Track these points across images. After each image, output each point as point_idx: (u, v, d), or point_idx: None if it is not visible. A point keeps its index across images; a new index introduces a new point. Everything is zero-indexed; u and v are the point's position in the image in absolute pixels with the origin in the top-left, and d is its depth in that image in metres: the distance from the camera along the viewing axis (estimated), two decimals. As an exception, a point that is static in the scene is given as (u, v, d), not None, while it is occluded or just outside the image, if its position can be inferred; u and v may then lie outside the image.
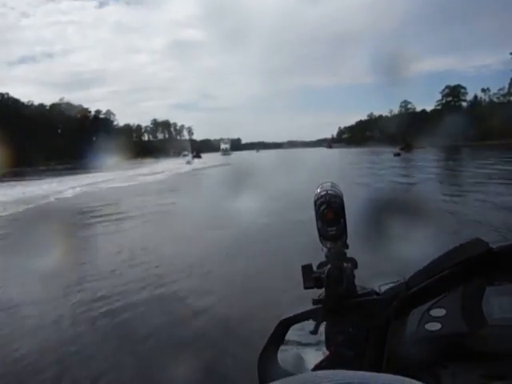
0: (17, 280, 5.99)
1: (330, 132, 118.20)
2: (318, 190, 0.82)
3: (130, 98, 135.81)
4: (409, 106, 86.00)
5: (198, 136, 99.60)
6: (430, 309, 0.77)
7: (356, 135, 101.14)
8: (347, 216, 0.82)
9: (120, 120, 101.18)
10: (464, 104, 78.75)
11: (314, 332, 0.81)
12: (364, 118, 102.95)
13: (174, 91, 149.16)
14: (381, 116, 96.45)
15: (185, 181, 25.95)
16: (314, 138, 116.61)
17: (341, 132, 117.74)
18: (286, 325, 0.83)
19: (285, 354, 0.84)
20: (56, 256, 6.46)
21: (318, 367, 0.83)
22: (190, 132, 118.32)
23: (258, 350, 0.82)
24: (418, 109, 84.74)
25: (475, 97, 77.44)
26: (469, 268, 0.73)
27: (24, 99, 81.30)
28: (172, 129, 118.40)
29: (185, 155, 64.41)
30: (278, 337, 0.83)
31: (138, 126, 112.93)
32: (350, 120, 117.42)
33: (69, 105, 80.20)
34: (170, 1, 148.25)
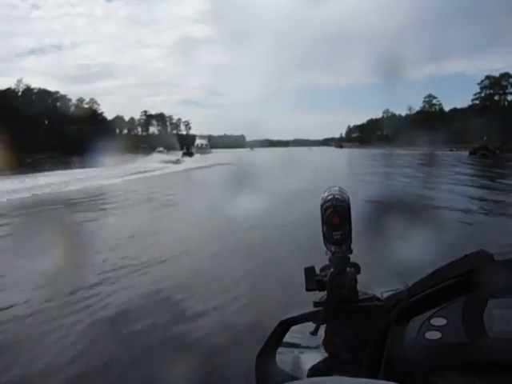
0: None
1: (338, 131, 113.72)
2: (325, 194, 0.84)
3: (137, 92, 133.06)
4: (434, 101, 73.43)
5: (200, 131, 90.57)
6: (430, 317, 0.78)
7: (367, 134, 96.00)
8: (353, 221, 0.82)
9: (127, 114, 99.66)
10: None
11: (314, 333, 0.82)
12: (374, 117, 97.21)
13: (181, 87, 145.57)
14: (396, 115, 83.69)
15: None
16: (321, 137, 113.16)
17: (350, 131, 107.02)
18: (285, 325, 0.84)
19: (283, 355, 0.85)
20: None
21: (315, 369, 0.85)
22: (188, 126, 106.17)
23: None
24: (446, 107, 72.05)
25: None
26: (472, 279, 0.75)
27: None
28: (168, 123, 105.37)
29: (160, 151, 53.79)
30: (277, 337, 0.84)
31: (131, 119, 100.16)
32: (358, 120, 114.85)
33: (45, 92, 68.38)
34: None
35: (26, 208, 11.63)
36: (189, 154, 49.96)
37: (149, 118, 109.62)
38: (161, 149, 57.26)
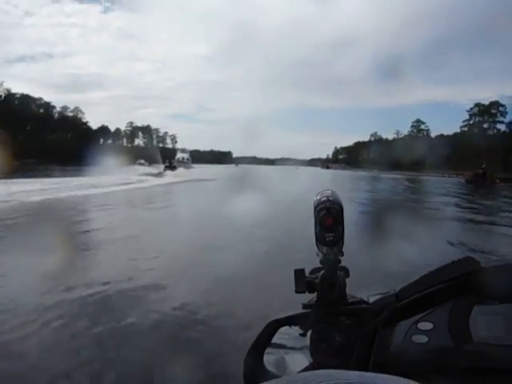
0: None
1: (325, 152, 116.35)
2: (318, 197, 0.85)
3: (127, 104, 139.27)
4: (422, 126, 73.85)
5: (187, 146, 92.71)
6: (417, 322, 0.80)
7: (353, 156, 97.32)
8: (345, 225, 0.85)
9: (116, 125, 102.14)
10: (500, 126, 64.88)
11: (303, 335, 0.84)
12: (361, 140, 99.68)
13: (171, 101, 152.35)
14: (383, 138, 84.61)
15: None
16: (308, 157, 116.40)
17: (337, 152, 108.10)
18: (275, 326, 0.85)
19: (270, 356, 0.86)
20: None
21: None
22: (174, 140, 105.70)
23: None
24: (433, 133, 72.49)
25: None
26: (458, 285, 0.78)
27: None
28: (154, 135, 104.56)
29: (141, 164, 52.55)
30: (265, 337, 0.84)
31: (117, 130, 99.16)
32: (346, 142, 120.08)
33: (27, 98, 66.73)
34: (174, 12, 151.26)
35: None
36: (171, 167, 47.20)
37: (135, 130, 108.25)
38: (142, 161, 55.60)
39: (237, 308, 4.75)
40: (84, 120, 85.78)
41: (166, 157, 56.94)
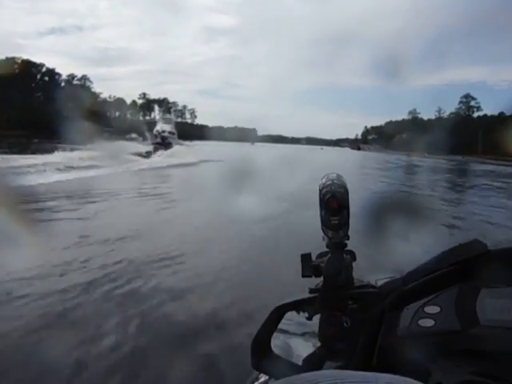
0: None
1: (352, 132, 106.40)
2: (324, 180, 0.86)
3: (155, 79, 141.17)
4: (472, 103, 62.72)
5: (212, 123, 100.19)
6: (424, 305, 0.81)
7: (384, 137, 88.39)
8: (351, 208, 0.85)
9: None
10: None
11: (309, 319, 0.86)
12: (393, 119, 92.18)
13: (199, 77, 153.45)
14: (418, 117, 74.04)
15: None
16: (334, 137, 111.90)
17: (367, 132, 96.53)
18: (281, 311, 0.87)
19: (278, 341, 0.89)
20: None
21: (309, 358, 0.88)
22: (193, 115, 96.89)
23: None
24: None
25: None
26: (466, 268, 0.79)
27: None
28: (172, 109, 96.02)
29: (132, 139, 39.72)
30: (272, 323, 0.87)
31: (133, 102, 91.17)
32: (373, 122, 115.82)
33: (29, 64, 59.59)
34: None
35: None
36: (164, 144, 33.95)
37: (150, 103, 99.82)
38: (133, 135, 42.49)
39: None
40: (92, 90, 78.39)
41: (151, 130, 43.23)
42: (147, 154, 28.66)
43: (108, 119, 68.44)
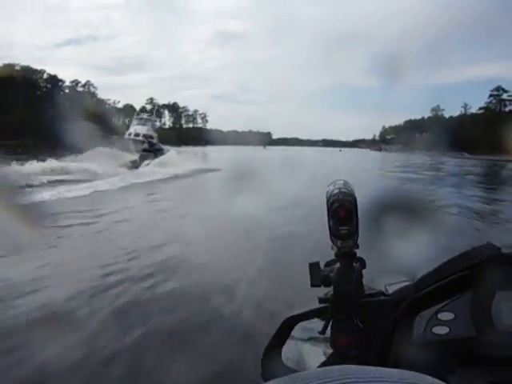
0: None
1: (369, 133, 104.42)
2: (331, 188, 0.84)
3: (171, 85, 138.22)
4: (504, 95, 57.09)
5: (226, 127, 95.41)
6: (438, 312, 0.79)
7: (403, 136, 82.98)
8: (359, 216, 0.84)
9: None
10: None
11: (322, 332, 0.84)
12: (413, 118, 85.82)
13: (214, 82, 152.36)
14: (439, 115, 69.64)
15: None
16: (351, 138, 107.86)
17: (385, 132, 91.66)
18: (291, 323, 0.86)
19: (289, 352, 0.87)
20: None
21: (321, 367, 0.87)
22: (204, 119, 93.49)
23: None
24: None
25: None
26: (479, 272, 0.77)
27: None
28: (183, 114, 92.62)
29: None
30: (282, 334, 0.85)
31: (143, 108, 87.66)
32: (390, 122, 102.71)
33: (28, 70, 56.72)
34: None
35: None
36: (153, 151, 27.78)
37: (159, 108, 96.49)
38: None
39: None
40: (97, 95, 75.57)
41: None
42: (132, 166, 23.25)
43: (114, 126, 65.20)
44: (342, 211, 0.80)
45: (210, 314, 4.57)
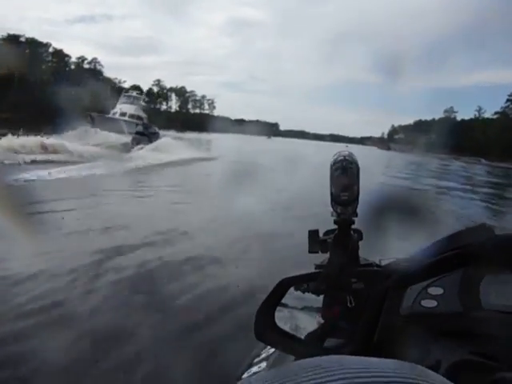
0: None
1: (377, 131, 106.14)
2: (336, 157, 0.86)
3: (181, 70, 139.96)
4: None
5: (235, 116, 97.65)
6: (428, 286, 0.81)
7: (412, 137, 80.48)
8: (361, 186, 0.86)
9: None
10: None
11: (315, 293, 0.88)
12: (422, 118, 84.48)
13: (224, 69, 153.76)
14: (451, 117, 68.51)
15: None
16: (359, 135, 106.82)
17: (394, 131, 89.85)
18: (286, 284, 0.87)
19: (282, 314, 0.88)
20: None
21: (312, 334, 0.89)
22: (212, 105, 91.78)
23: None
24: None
25: None
26: (471, 252, 0.79)
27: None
28: (190, 99, 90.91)
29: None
30: (276, 296, 0.86)
31: (150, 90, 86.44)
32: (399, 121, 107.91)
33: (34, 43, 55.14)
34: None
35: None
36: (147, 135, 25.02)
37: (166, 91, 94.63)
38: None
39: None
40: (103, 73, 73.75)
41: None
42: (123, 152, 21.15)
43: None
44: (345, 177, 0.82)
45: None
